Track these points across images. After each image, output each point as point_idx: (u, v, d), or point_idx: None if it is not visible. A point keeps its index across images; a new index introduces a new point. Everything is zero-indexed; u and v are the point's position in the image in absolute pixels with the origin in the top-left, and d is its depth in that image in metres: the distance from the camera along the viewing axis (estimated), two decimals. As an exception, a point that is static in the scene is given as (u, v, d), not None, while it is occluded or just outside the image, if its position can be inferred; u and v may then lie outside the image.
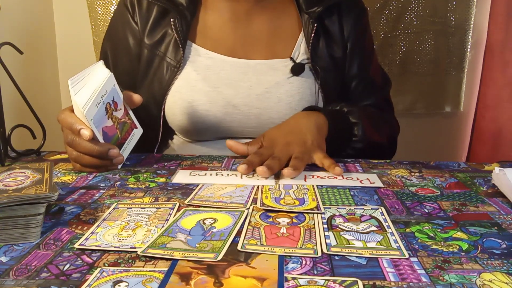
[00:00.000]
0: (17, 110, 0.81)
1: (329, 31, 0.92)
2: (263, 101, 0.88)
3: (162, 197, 0.62)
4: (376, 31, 1.49)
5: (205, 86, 0.87)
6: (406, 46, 1.52)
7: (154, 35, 0.90)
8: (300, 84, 0.88)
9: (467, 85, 1.55)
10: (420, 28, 1.50)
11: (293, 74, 0.89)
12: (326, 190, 0.64)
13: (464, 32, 1.50)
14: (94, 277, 0.41)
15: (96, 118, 0.70)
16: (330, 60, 0.91)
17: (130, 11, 0.92)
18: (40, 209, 0.49)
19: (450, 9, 1.48)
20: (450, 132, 1.62)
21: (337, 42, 0.92)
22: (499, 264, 0.44)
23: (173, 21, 0.87)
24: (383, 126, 0.94)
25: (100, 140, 0.71)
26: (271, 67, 0.89)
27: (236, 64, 0.89)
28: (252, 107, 0.87)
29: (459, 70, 1.54)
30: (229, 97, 0.87)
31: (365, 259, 0.45)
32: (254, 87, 0.88)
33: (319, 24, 0.90)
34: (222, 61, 0.89)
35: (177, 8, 0.88)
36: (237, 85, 0.88)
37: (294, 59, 0.90)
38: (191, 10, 0.90)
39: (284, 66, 0.89)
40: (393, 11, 1.49)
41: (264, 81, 0.88)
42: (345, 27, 0.92)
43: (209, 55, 0.89)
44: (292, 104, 0.88)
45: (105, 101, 0.72)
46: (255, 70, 0.89)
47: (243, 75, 0.88)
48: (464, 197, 0.62)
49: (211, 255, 0.45)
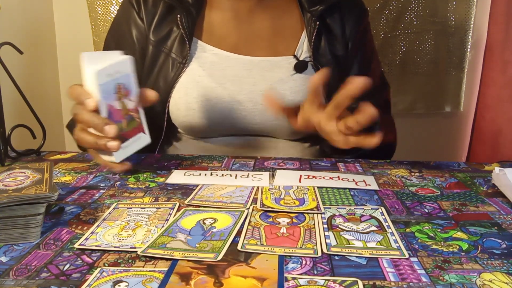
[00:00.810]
0: (17, 110, 0.81)
1: (331, 30, 0.92)
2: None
3: (162, 197, 0.62)
4: (376, 31, 1.49)
5: (211, 82, 0.87)
6: (406, 46, 1.52)
7: (159, 31, 0.90)
8: (304, 81, 0.89)
9: (467, 85, 1.55)
10: (420, 28, 1.50)
11: (296, 71, 0.89)
12: (326, 190, 0.64)
13: (464, 32, 1.50)
14: (94, 277, 0.41)
15: (104, 89, 0.66)
16: (332, 58, 0.92)
17: (135, 8, 0.92)
18: (40, 209, 0.49)
19: (450, 9, 1.49)
20: (450, 132, 1.62)
21: (339, 40, 0.92)
22: (499, 264, 0.44)
23: (179, 17, 0.88)
24: (391, 125, 0.95)
25: (102, 114, 0.66)
26: (275, 64, 0.90)
27: (240, 60, 0.90)
28: (256, 103, 0.88)
29: (459, 70, 1.54)
30: (234, 93, 0.88)
31: (365, 259, 0.45)
32: (259, 83, 0.88)
33: (321, 23, 0.90)
34: (227, 58, 0.90)
35: (183, 5, 0.89)
36: (242, 81, 0.88)
37: (297, 56, 0.90)
38: (196, 7, 0.91)
39: (288, 63, 0.90)
40: (393, 11, 1.49)
41: (268, 77, 0.89)
42: (347, 26, 0.93)
43: (215, 52, 0.90)
44: (296, 101, 0.88)
45: (117, 80, 0.68)
46: (259, 67, 0.90)
47: (248, 72, 0.89)
48: (464, 197, 0.62)
49: (211, 255, 0.45)
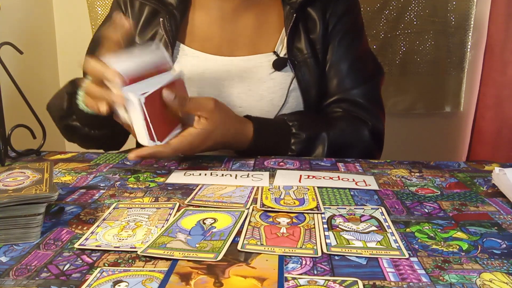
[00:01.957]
0: (17, 110, 0.81)
1: (312, 18, 0.89)
2: (244, 99, 0.87)
3: (162, 197, 0.62)
4: (376, 31, 1.49)
5: (191, 86, 0.86)
6: (406, 46, 1.52)
7: (145, 35, 0.90)
8: (283, 79, 0.87)
9: (467, 85, 1.55)
10: (420, 28, 1.50)
11: (275, 69, 0.88)
12: (326, 190, 0.64)
13: (464, 32, 1.50)
14: (94, 277, 0.41)
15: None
16: (311, 51, 0.89)
17: (123, 10, 0.93)
18: (40, 209, 0.49)
19: (450, 9, 1.49)
20: (450, 132, 1.62)
21: (319, 28, 0.89)
22: (499, 264, 0.44)
23: (162, 20, 0.87)
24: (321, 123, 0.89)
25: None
26: (255, 63, 0.89)
27: (220, 62, 0.89)
28: (234, 106, 0.87)
29: (459, 70, 1.54)
30: (213, 97, 0.87)
31: (365, 259, 0.45)
32: (236, 86, 0.87)
33: (301, 14, 0.88)
34: (206, 60, 0.89)
35: (167, 8, 0.89)
36: (220, 84, 0.87)
37: (277, 53, 0.89)
38: (180, 10, 0.90)
39: (268, 61, 0.88)
40: (393, 11, 1.49)
41: (246, 79, 0.88)
42: (328, 9, 0.90)
43: (195, 55, 0.89)
44: (274, 101, 0.87)
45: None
46: (238, 68, 0.88)
47: (227, 73, 0.88)
48: (464, 197, 0.62)
49: (211, 255, 0.45)
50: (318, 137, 0.84)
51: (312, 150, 0.84)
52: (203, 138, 0.73)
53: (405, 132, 1.59)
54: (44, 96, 0.92)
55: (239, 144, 0.80)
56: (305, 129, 0.83)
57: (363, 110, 0.90)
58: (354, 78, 0.91)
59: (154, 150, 0.69)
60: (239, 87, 0.87)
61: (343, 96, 0.90)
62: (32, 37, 1.41)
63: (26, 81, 1.32)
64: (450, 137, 1.63)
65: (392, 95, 1.54)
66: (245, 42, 0.90)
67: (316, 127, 0.85)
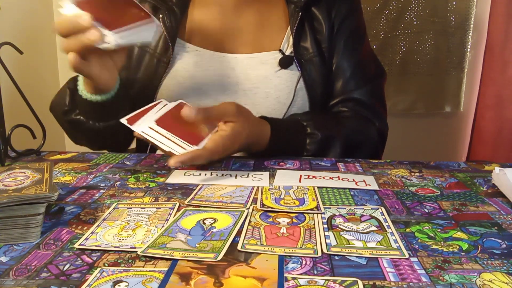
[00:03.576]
0: (17, 110, 0.81)
1: (317, 18, 0.89)
2: (250, 96, 0.87)
3: (162, 197, 0.62)
4: (376, 31, 1.50)
5: (193, 83, 0.86)
6: (406, 46, 1.52)
7: None
8: (289, 77, 0.87)
9: (467, 85, 1.56)
10: (420, 28, 1.50)
11: (281, 67, 0.88)
12: (326, 190, 0.64)
13: (464, 32, 1.50)
14: (94, 277, 0.41)
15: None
16: (317, 50, 0.89)
17: None
18: (40, 209, 0.49)
19: (450, 9, 1.49)
20: (450, 132, 1.63)
21: (325, 27, 0.89)
22: (499, 264, 0.44)
23: (162, 17, 0.87)
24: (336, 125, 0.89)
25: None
26: (260, 61, 0.88)
27: (224, 59, 0.88)
28: (239, 103, 0.87)
29: (459, 70, 1.54)
30: (216, 94, 0.86)
31: (365, 259, 0.45)
32: (242, 83, 0.87)
33: (306, 13, 0.88)
34: (210, 57, 0.89)
35: (166, 5, 0.88)
36: (225, 81, 0.87)
37: (283, 51, 0.89)
38: (180, 6, 0.90)
39: (273, 59, 0.88)
40: (393, 11, 1.49)
41: (252, 76, 0.87)
42: (333, 9, 0.90)
43: (198, 51, 0.89)
44: (281, 99, 0.87)
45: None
46: (243, 65, 0.88)
47: (231, 71, 0.88)
48: (464, 197, 0.62)
49: (211, 255, 0.45)
50: (333, 137, 0.84)
51: (327, 150, 0.83)
52: (233, 140, 0.72)
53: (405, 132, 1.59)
54: (44, 96, 0.92)
55: (259, 145, 0.79)
56: (320, 129, 0.83)
57: (369, 110, 0.91)
58: (359, 78, 0.92)
59: (192, 154, 0.67)
60: (244, 84, 0.87)
61: (348, 96, 0.91)
62: (32, 37, 1.41)
63: (26, 81, 1.31)
64: (450, 137, 1.63)
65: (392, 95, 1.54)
66: (249, 39, 0.90)
67: (330, 127, 0.85)
